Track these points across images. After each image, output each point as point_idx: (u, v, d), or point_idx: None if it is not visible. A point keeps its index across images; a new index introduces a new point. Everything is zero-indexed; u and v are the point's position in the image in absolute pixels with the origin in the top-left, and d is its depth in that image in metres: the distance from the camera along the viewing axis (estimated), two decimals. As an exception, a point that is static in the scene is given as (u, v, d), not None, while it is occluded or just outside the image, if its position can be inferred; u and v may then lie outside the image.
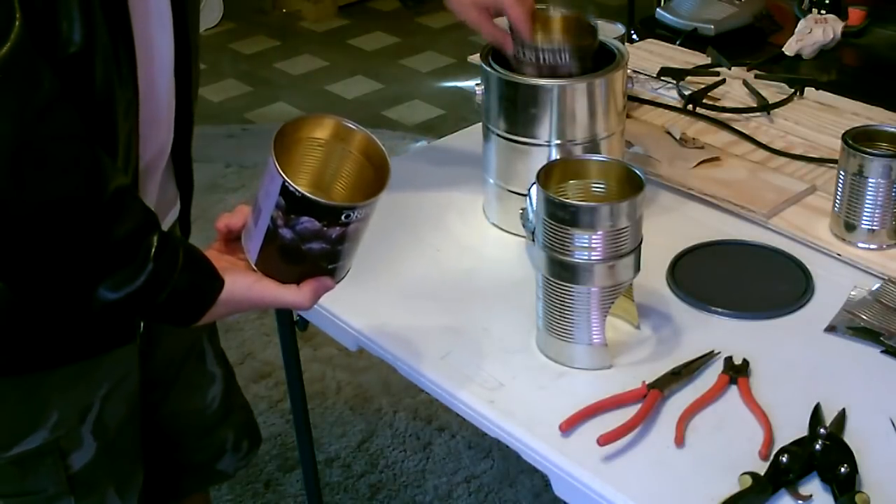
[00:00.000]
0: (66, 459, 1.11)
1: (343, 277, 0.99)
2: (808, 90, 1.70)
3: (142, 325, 1.14)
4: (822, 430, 0.98)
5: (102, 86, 0.90)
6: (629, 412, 1.01)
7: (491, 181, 1.35)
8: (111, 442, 1.14)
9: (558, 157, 1.25)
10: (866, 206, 1.25)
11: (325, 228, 0.90)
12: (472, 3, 1.25)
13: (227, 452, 1.39)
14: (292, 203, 0.88)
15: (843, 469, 0.94)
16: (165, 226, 1.15)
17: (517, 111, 1.26)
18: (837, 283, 1.22)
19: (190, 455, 1.37)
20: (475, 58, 1.40)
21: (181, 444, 1.35)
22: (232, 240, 0.99)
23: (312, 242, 0.91)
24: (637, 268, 1.08)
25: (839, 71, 2.02)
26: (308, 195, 0.88)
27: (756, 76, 1.75)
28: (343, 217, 0.90)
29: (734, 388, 1.06)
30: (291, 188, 0.87)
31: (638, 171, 1.07)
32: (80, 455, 1.12)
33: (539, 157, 1.25)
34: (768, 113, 1.62)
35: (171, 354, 1.28)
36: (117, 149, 0.95)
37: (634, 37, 2.09)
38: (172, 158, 1.13)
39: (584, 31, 1.29)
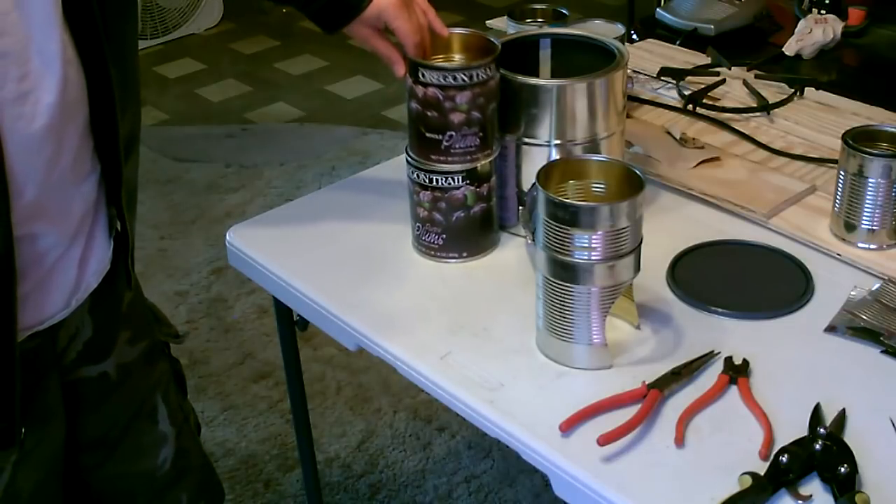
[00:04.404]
0: None
1: None
2: (808, 90, 1.70)
3: (23, 431, 1.04)
4: (822, 430, 0.98)
5: None
6: (629, 412, 1.01)
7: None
8: None
9: (558, 157, 1.25)
10: (866, 206, 1.25)
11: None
12: (361, 21, 1.23)
13: None
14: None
15: (843, 469, 0.94)
16: (98, 275, 1.09)
17: (517, 111, 1.26)
18: (837, 283, 1.22)
19: None
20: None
21: None
22: None
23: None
24: (637, 268, 1.08)
25: (839, 71, 2.02)
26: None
27: (756, 76, 1.75)
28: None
29: (734, 388, 1.06)
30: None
31: (638, 171, 1.07)
32: None
33: (539, 157, 1.25)
34: (768, 113, 1.62)
35: (113, 416, 1.21)
36: None
37: (634, 37, 2.09)
38: (108, 203, 1.08)
39: (484, 48, 1.25)
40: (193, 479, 1.33)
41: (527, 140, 1.27)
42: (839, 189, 1.28)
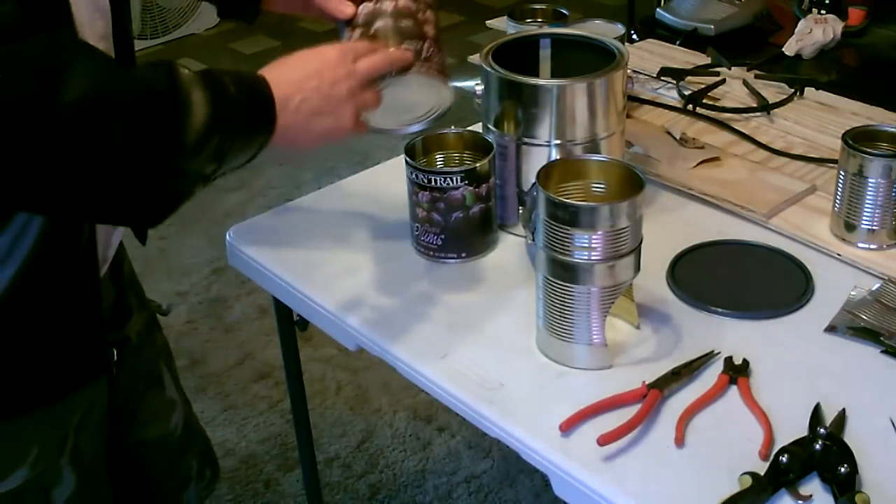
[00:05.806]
0: (48, 496, 1.07)
1: None
2: (808, 90, 1.70)
3: (115, 353, 1.10)
4: (822, 430, 0.98)
5: None
6: (629, 412, 1.01)
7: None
8: (88, 471, 1.11)
9: (558, 157, 1.25)
10: (866, 206, 1.25)
11: None
12: None
13: (192, 481, 1.35)
14: None
15: (843, 469, 0.94)
16: (110, 248, 1.13)
17: (517, 111, 1.26)
18: (837, 283, 1.22)
19: (158, 485, 1.32)
20: (475, 58, 1.40)
21: (150, 474, 1.31)
22: None
23: None
24: (637, 268, 1.08)
25: (839, 71, 2.01)
26: None
27: (756, 76, 1.75)
28: None
29: (734, 388, 1.06)
30: None
31: (638, 171, 1.07)
32: (62, 490, 1.08)
33: (539, 157, 1.25)
34: (768, 113, 1.62)
35: (133, 381, 1.24)
36: None
37: (634, 37, 2.09)
38: None
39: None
40: (199, 447, 1.37)
41: (527, 140, 1.27)
42: (839, 189, 1.28)
